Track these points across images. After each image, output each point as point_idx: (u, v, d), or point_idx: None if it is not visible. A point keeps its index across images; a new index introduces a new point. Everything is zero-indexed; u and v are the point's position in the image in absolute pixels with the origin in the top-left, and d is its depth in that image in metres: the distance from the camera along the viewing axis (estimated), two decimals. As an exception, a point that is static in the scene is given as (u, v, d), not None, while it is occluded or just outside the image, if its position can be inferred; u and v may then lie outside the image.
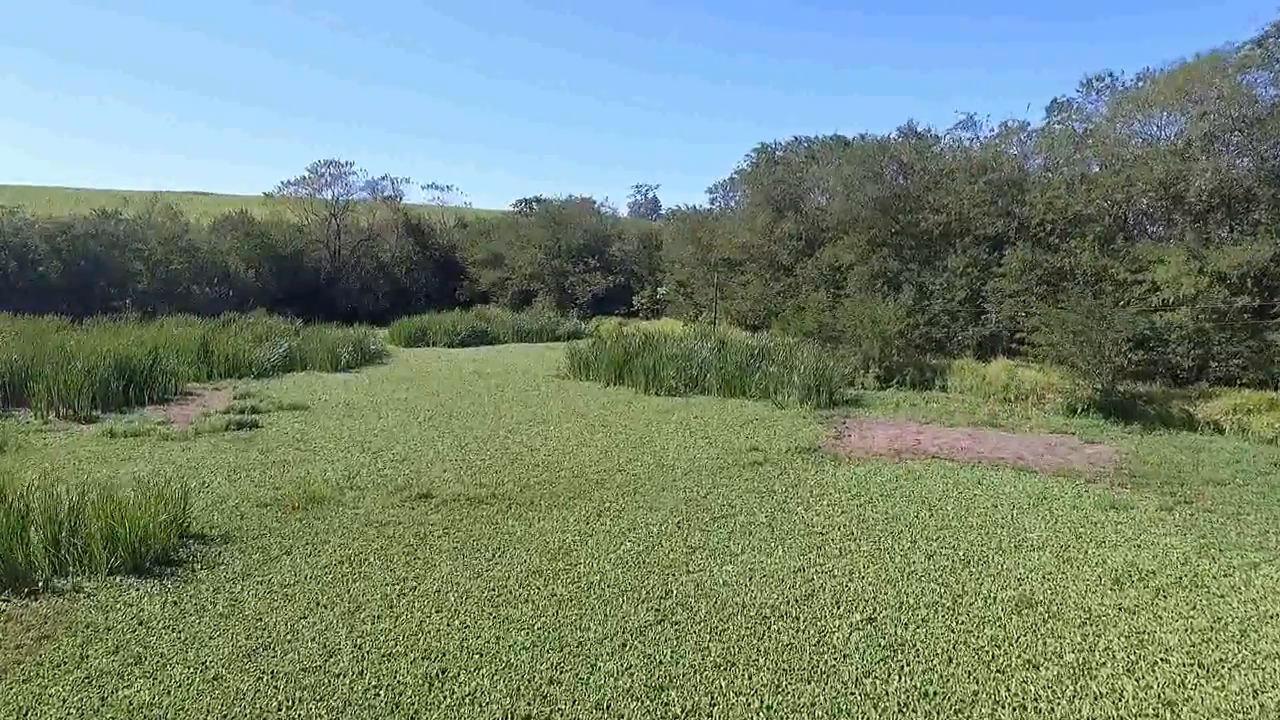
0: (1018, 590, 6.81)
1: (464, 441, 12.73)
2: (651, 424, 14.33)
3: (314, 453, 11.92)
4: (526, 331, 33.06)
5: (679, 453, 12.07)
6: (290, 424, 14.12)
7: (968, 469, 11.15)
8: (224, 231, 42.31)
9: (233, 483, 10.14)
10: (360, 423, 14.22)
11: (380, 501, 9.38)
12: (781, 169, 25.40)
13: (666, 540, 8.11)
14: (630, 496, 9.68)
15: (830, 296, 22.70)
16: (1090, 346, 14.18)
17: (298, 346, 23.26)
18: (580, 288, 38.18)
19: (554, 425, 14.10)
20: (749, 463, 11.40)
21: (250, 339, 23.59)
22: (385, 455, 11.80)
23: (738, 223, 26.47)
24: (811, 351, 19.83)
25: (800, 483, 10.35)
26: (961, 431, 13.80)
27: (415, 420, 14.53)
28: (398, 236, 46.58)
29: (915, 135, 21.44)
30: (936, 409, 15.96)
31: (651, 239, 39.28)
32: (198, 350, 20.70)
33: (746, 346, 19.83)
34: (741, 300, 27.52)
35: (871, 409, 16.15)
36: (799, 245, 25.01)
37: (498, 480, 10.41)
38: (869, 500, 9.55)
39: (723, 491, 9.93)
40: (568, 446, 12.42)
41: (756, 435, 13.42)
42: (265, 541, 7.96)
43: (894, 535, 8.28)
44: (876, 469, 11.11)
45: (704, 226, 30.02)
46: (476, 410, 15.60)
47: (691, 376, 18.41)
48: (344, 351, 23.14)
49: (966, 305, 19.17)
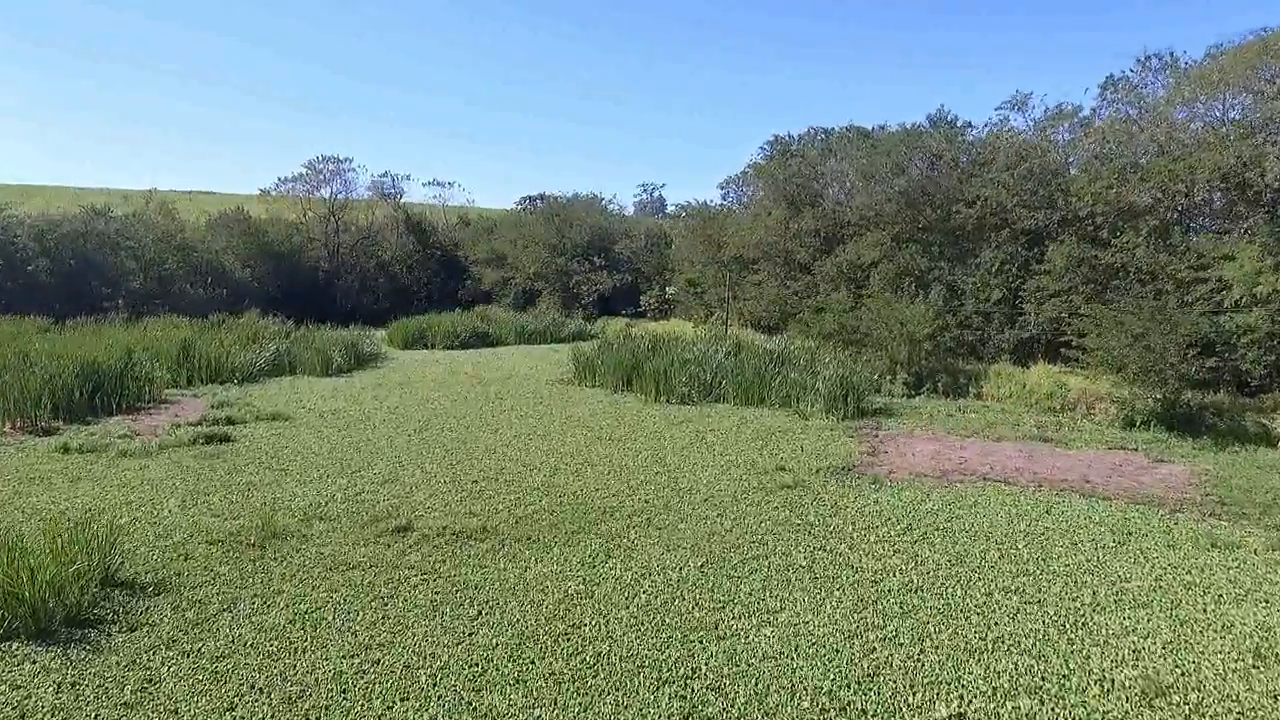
0: (1138, 668, 5.41)
1: (455, 458, 11.38)
2: (664, 437, 12.97)
3: (286, 472, 10.59)
4: (529, 333, 31.72)
5: (696, 472, 10.69)
6: (266, 437, 12.80)
7: (1029, 494, 9.74)
8: (219, 229, 41.12)
9: (186, 511, 8.82)
10: (343, 435, 12.89)
11: (352, 536, 8.03)
12: (798, 162, 23.99)
13: (689, 590, 6.74)
14: (643, 529, 8.32)
15: (851, 297, 21.29)
16: (1152, 352, 12.75)
17: (287, 349, 21.98)
18: (585, 287, 36.84)
19: (556, 439, 12.74)
20: (777, 485, 10.01)
21: (238, 341, 22.31)
22: (366, 475, 10.46)
23: (751, 219, 25.08)
24: (835, 356, 18.43)
25: (839, 511, 8.96)
26: (1010, 447, 12.38)
27: (404, 432, 13.20)
28: (398, 235, 45.33)
29: (946, 123, 20.00)
30: (976, 420, 14.54)
31: (660, 236, 37.91)
32: (178, 354, 19.43)
33: (764, 351, 18.42)
34: (755, 301, 26.12)
35: (903, 420, 14.75)
36: (817, 242, 23.61)
37: (491, 507, 9.06)
38: (923, 536, 8.16)
39: (750, 522, 8.55)
40: (571, 465, 11.05)
41: (781, 450, 12.04)
42: (206, 593, 6.62)
43: (963, 584, 6.89)
44: (923, 494, 9.71)
45: (715, 223, 28.62)
46: (472, 421, 14.26)
47: (705, 383, 17.04)
48: (336, 354, 21.84)
49: (1002, 306, 17.74)
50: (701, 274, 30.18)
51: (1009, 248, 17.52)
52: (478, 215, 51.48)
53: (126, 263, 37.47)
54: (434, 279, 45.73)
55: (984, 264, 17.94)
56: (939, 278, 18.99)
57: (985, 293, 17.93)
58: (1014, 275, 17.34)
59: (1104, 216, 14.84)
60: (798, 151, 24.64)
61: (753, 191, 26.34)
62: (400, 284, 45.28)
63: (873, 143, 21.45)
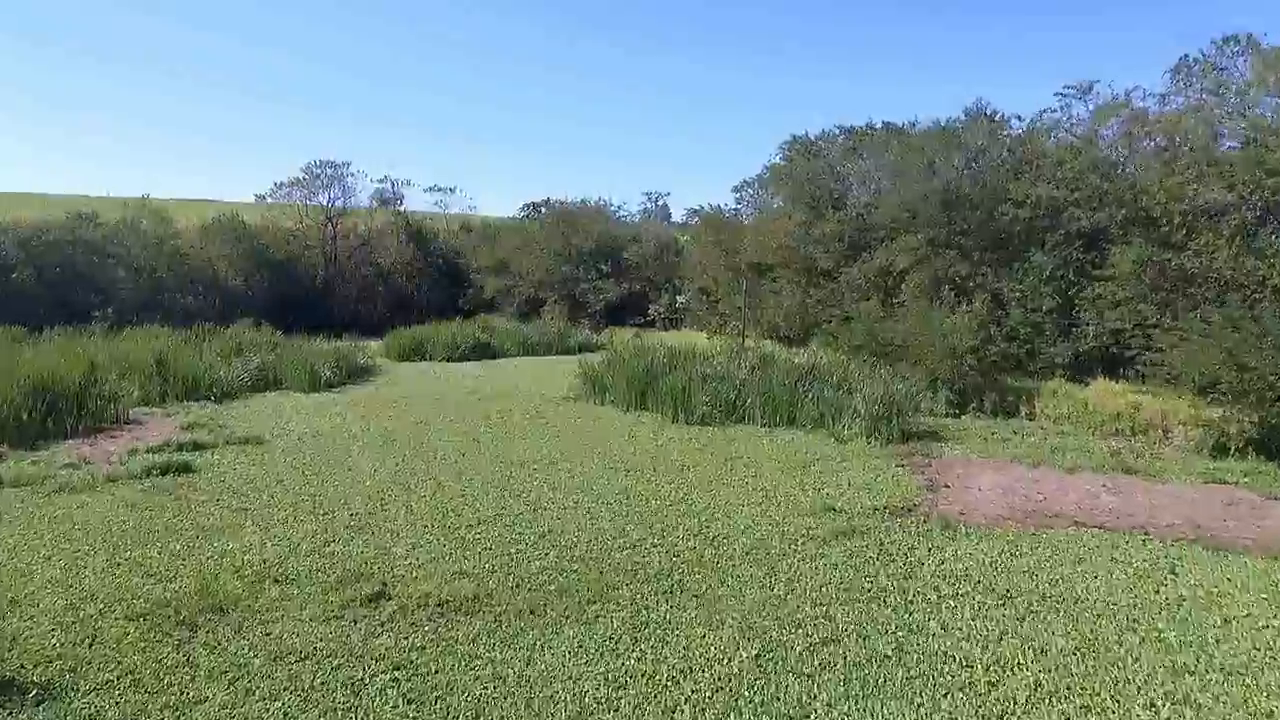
0: None
1: (447, 495, 9.75)
2: (687, 466, 11.32)
3: (246, 512, 8.96)
4: (534, 344, 30.09)
5: (731, 513, 9.04)
6: (233, 466, 11.19)
7: (1138, 545, 8.05)
8: (212, 236, 39.65)
9: (112, 569, 7.19)
10: (321, 464, 11.27)
11: (311, 608, 6.39)
12: (820, 163, 22.40)
13: (746, 698, 5.08)
14: (675, 597, 6.66)
15: (881, 306, 19.65)
16: (1249, 370, 11.09)
17: (273, 362, 20.40)
18: (592, 296, 35.26)
19: (565, 469, 11.10)
20: (830, 532, 8.35)
21: (220, 353, 20.74)
22: (340, 517, 8.82)
23: (769, 224, 23.49)
24: (870, 371, 16.78)
25: (915, 571, 7.29)
26: (1090, 479, 10.69)
27: (390, 461, 11.57)
28: (398, 242, 43.84)
29: (985, 117, 18.41)
30: (1038, 445, 12.86)
31: (669, 243, 36.36)
32: (152, 368, 17.86)
33: (792, 365, 16.76)
34: (774, 310, 24.52)
35: (955, 443, 13.07)
36: (841, 248, 22.00)
37: (486, 563, 7.42)
38: (1031, 609, 6.48)
39: (808, 586, 6.89)
40: (582, 503, 9.41)
41: (826, 484, 10.38)
42: (102, 703, 4.98)
43: (1111, 689, 5.21)
44: (1011, 546, 8.03)
45: (730, 228, 27.04)
46: (468, 446, 12.63)
47: (729, 401, 15.39)
48: (325, 368, 20.24)
49: (1054, 316, 16.09)
50: (715, 282, 28.59)
51: (1063, 251, 15.87)
52: (480, 222, 50.03)
53: (115, 270, 36.07)
54: (435, 287, 44.19)
55: (1034, 269, 16.29)
56: (981, 285, 17.35)
57: (1035, 301, 16.29)
58: (1069, 282, 15.69)
59: (1182, 217, 13.22)
60: (819, 151, 23.07)
61: (770, 194, 24.81)
62: (400, 292, 43.77)
63: (905, 140, 19.87)
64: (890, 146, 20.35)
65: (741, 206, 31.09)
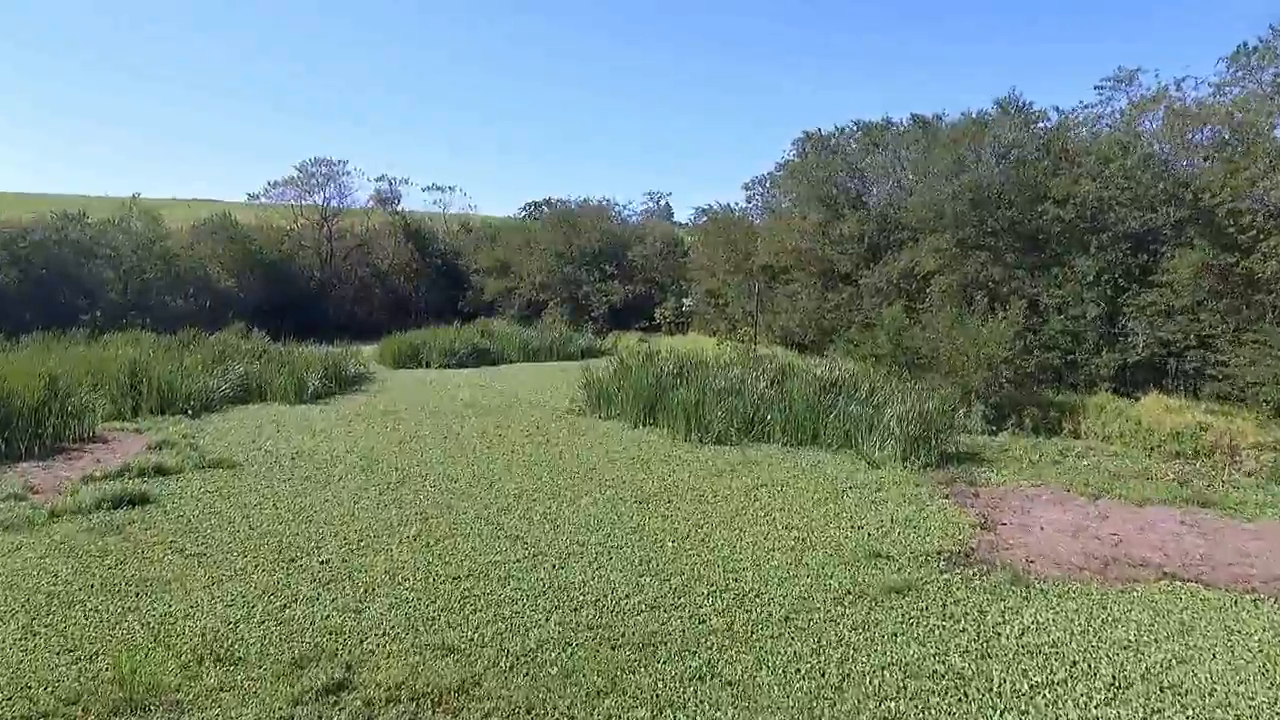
0: None
1: (435, 536, 8.52)
2: (706, 497, 10.08)
3: (200, 560, 7.74)
4: (535, 349, 28.87)
5: (762, 562, 7.80)
6: (197, 496, 9.98)
7: (1251, 609, 6.79)
8: (203, 236, 38.44)
9: (27, 641, 5.97)
10: (296, 494, 10.04)
11: (255, 704, 5.15)
12: (838, 159, 21.13)
13: None
14: (705, 686, 5.42)
15: (905, 312, 18.38)
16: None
17: (257, 371, 19.19)
18: (595, 298, 34.03)
19: (568, 500, 9.86)
20: (881, 587, 7.10)
21: (202, 362, 19.51)
22: (308, 567, 7.60)
23: (783, 224, 22.23)
24: (895, 383, 15.54)
25: (992, 647, 6.03)
26: (1165, 515, 9.43)
27: (372, 489, 10.35)
28: (396, 242, 42.64)
29: (1019, 109, 17.14)
30: (1093, 469, 11.61)
31: (675, 243, 35.11)
32: (126, 378, 16.66)
33: (813, 377, 15.50)
34: (787, 314, 23.27)
35: (1001, 468, 11.83)
36: (860, 250, 20.74)
37: (475, 633, 6.18)
38: (1151, 706, 5.22)
39: (867, 673, 5.64)
40: (589, 547, 8.17)
41: (865, 520, 9.14)
42: None
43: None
44: (1098, 606, 6.78)
45: (740, 228, 25.78)
46: (462, 470, 11.40)
47: (746, 418, 14.15)
48: (312, 377, 19.02)
49: (1098, 324, 14.82)
50: (724, 284, 27.34)
51: (1108, 254, 14.60)
52: (480, 222, 48.83)
53: (103, 272, 34.89)
54: (433, 289, 43.00)
55: (1077, 274, 15.03)
56: (1017, 290, 16.08)
57: (1078, 308, 15.02)
58: (1115, 287, 14.42)
59: (1250, 217, 11.95)
60: (837, 147, 21.79)
61: (784, 193, 23.56)
62: (397, 294, 42.58)
63: (932, 133, 18.59)
64: (915, 140, 19.08)
65: (751, 206, 29.85)
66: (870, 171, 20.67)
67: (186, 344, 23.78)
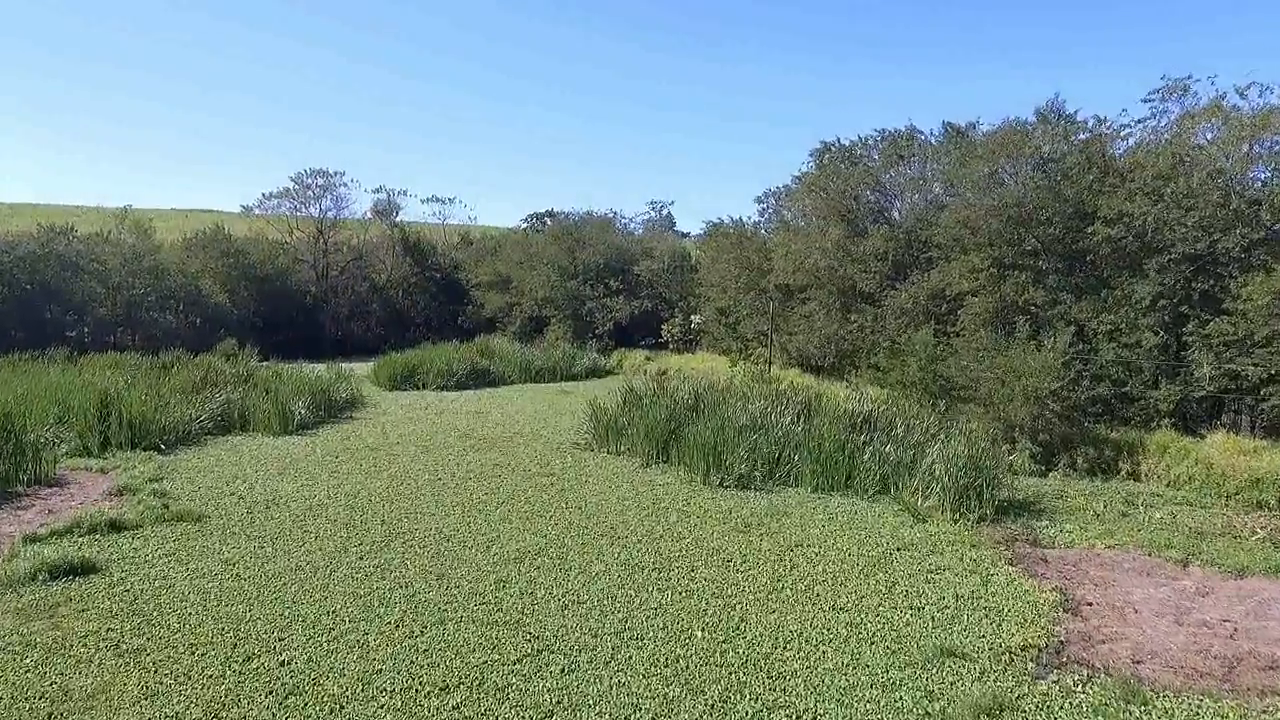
0: None
1: (422, 624, 7.19)
2: (735, 565, 8.75)
3: (138, 660, 6.42)
4: (537, 370, 27.57)
5: (812, 663, 6.47)
6: (150, 563, 8.68)
7: None
8: (196, 250, 37.22)
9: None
10: (265, 557, 8.74)
11: None
12: (860, 171, 19.86)
13: None
14: None
15: (934, 336, 17.09)
16: None
17: (240, 399, 17.90)
18: (600, 315, 32.74)
19: (577, 571, 8.54)
20: (967, 707, 5.75)
21: (180, 389, 18.23)
22: (265, 671, 6.28)
23: (801, 240, 20.96)
24: (936, 418, 14.23)
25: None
26: (1275, 591, 8.08)
27: (353, 550, 9.04)
28: (394, 255, 41.42)
29: (1063, 119, 15.88)
30: (1167, 525, 10.28)
31: (683, 257, 33.82)
32: (95, 410, 15.38)
33: (842, 411, 14.18)
34: (804, 335, 21.95)
35: (1062, 521, 10.50)
36: (884, 268, 19.45)
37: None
38: None
39: None
40: (603, 646, 6.84)
41: (925, 597, 7.82)
42: None
43: None
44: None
45: (753, 244, 24.52)
46: (457, 525, 10.08)
47: (770, 458, 12.84)
48: (300, 405, 17.74)
49: (1156, 354, 13.51)
50: (735, 302, 26.06)
51: (1166, 278, 13.30)
52: (481, 234, 47.65)
53: (91, 287, 33.65)
54: (432, 304, 41.76)
55: (1133, 299, 13.72)
56: (1062, 315, 14.78)
57: (1133, 335, 13.71)
58: (1175, 314, 13.12)
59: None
60: (858, 158, 20.53)
61: (800, 207, 22.33)
62: (396, 309, 41.33)
63: (966, 144, 17.33)
64: (945, 152, 17.84)
65: (763, 220, 28.61)
66: (896, 184, 19.40)
67: (169, 366, 22.56)
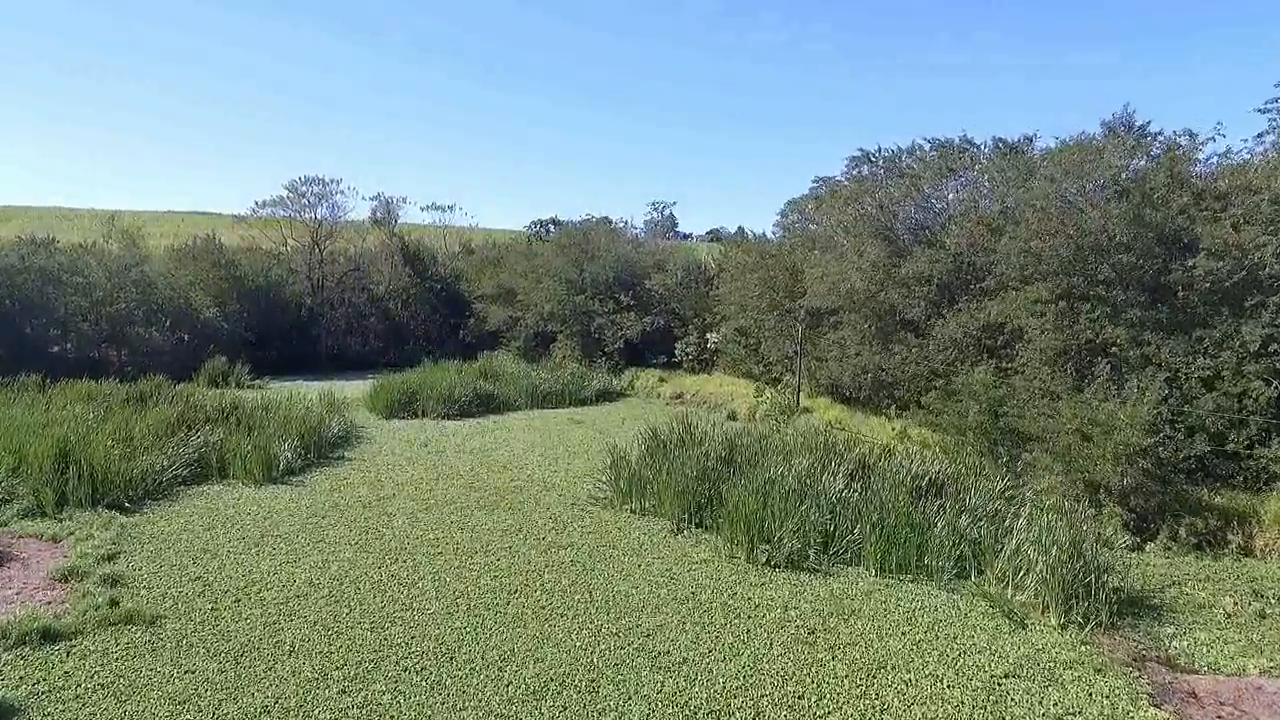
0: None
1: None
2: (805, 700, 6.97)
3: None
4: (544, 394, 25.79)
5: None
6: (84, 699, 6.96)
7: None
8: (185, 261, 35.43)
9: None
10: (220, 689, 6.97)
11: None
12: (907, 183, 18.04)
13: None
14: None
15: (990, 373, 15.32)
16: None
17: (221, 440, 16.16)
18: (610, 331, 30.96)
19: (609, 709, 6.75)
20: None
21: (153, 430, 16.45)
22: None
23: (836, 259, 19.16)
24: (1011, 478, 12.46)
25: None
26: None
27: (334, 677, 7.27)
28: (393, 265, 39.62)
29: (1138, 134, 14.08)
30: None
31: (698, 270, 31.99)
32: (53, 459, 13.66)
33: (903, 473, 12.39)
34: (836, 363, 20.16)
35: (1188, 625, 8.73)
36: (930, 293, 17.66)
37: None
38: None
39: None
40: None
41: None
42: None
43: None
44: None
45: (781, 263, 22.72)
46: (459, 628, 8.31)
47: (823, 528, 11.06)
48: (285, 449, 16.00)
49: (1269, 405, 11.73)
50: (757, 323, 24.28)
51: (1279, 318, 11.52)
52: (484, 239, 45.85)
53: (74, 301, 31.86)
54: (433, 316, 39.95)
55: (1233, 341, 11.94)
56: (1149, 358, 12.99)
57: (1236, 385, 11.93)
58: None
59: None
60: (902, 170, 18.72)
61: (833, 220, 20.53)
62: (394, 321, 39.52)
63: (1026, 161, 15.53)
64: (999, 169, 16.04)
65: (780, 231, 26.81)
66: (945, 200, 17.60)
67: (148, 397, 20.79)
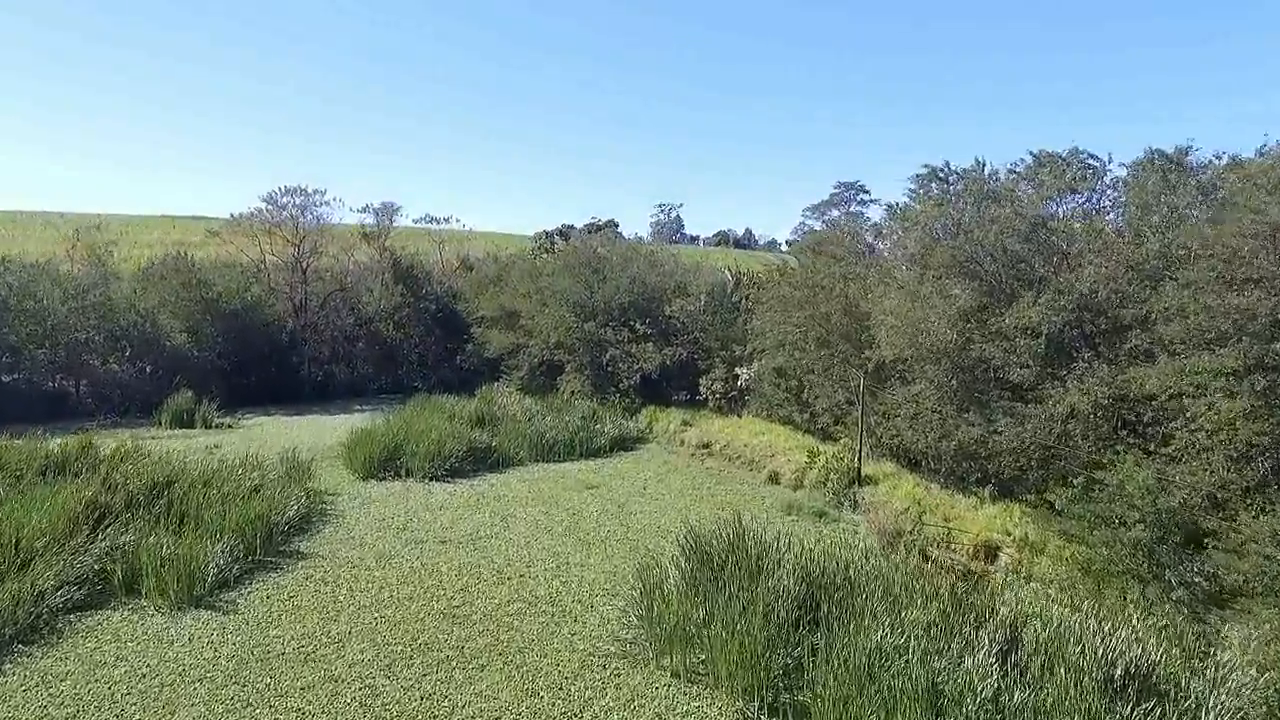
0: None
1: None
2: None
3: None
4: (550, 444, 22.12)
5: None
6: None
7: None
8: (153, 281, 31.80)
9: None
10: None
11: None
12: (1007, 210, 14.23)
13: None
14: None
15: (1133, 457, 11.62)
16: None
17: (135, 543, 12.53)
18: (625, 364, 27.22)
19: None
20: None
21: (53, 525, 12.80)
22: None
23: (918, 303, 15.33)
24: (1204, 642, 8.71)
25: None
26: None
27: None
28: (383, 283, 36.00)
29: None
30: None
31: (724, 292, 28.26)
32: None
33: (1093, 655, 8.62)
34: (906, 424, 16.44)
35: None
36: (1039, 348, 13.92)
37: None
38: None
39: None
40: None
41: None
42: None
43: None
44: None
45: (832, 297, 18.97)
46: None
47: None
48: (218, 551, 12.39)
49: None
50: (803, 363, 20.57)
51: None
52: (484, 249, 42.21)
53: (28, 328, 28.28)
54: (427, 338, 36.29)
55: None
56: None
57: None
58: None
59: None
60: (997, 194, 14.90)
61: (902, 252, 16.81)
62: (386, 344, 35.85)
63: (1196, 180, 11.77)
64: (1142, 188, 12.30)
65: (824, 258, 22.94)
66: (1061, 232, 13.80)
67: (72, 460, 17.13)
